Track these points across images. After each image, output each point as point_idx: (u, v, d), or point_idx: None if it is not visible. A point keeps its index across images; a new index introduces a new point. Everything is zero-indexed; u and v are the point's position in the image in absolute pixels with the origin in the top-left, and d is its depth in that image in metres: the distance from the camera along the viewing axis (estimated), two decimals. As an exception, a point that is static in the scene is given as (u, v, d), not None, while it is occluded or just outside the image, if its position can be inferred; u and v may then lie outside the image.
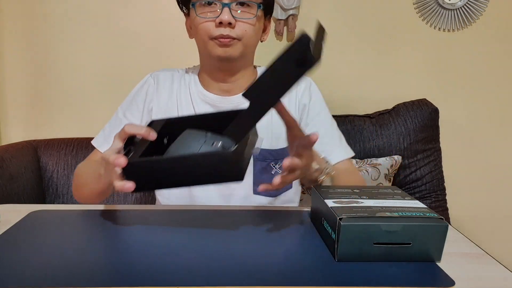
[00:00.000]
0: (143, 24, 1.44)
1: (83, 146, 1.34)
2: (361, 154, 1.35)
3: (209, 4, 0.83)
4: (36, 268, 0.53)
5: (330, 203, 0.61)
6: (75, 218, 0.72)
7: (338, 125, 1.40)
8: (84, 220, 0.71)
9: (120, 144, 0.65)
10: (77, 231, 0.66)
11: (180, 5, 0.91)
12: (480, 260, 0.59)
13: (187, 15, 0.92)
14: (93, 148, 0.97)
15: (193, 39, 0.92)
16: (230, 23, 0.81)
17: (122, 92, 1.01)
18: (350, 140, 1.36)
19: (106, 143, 0.92)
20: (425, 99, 1.41)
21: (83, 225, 0.69)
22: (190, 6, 0.87)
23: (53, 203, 1.30)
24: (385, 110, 1.42)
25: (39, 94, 1.48)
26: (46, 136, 1.41)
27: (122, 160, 0.59)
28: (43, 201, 1.29)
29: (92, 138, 1.39)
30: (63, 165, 1.31)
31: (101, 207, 0.78)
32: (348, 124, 1.37)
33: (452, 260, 0.58)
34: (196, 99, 0.94)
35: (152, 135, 0.65)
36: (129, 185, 0.60)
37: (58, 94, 1.48)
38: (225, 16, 0.80)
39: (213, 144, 0.65)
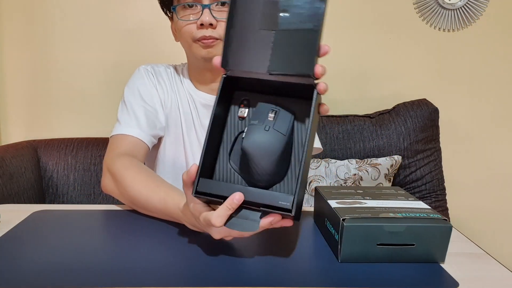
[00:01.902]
0: (144, 23, 1.43)
1: (83, 146, 1.34)
2: (361, 154, 1.35)
3: (190, 6, 0.82)
4: (42, 268, 0.53)
5: (333, 203, 0.61)
6: (78, 218, 0.71)
7: (339, 125, 1.42)
8: (87, 220, 0.71)
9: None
10: (81, 231, 0.66)
11: (164, 9, 0.91)
12: (482, 261, 0.59)
13: (171, 19, 0.92)
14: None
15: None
16: (211, 24, 0.81)
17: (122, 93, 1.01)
18: (350, 140, 1.36)
19: (137, 127, 0.86)
20: (425, 99, 1.41)
21: (87, 225, 0.68)
22: (172, 10, 0.86)
23: (53, 203, 1.29)
24: (385, 110, 1.42)
25: (39, 94, 1.47)
26: (46, 136, 1.40)
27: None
28: (43, 201, 1.29)
29: (92, 138, 1.41)
30: (63, 165, 1.31)
31: (103, 207, 0.78)
32: (348, 124, 1.37)
33: (455, 261, 0.58)
34: (191, 98, 0.94)
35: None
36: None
37: (58, 94, 1.47)
38: (206, 17, 0.80)
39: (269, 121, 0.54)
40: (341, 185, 1.27)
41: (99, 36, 1.44)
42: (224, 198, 0.50)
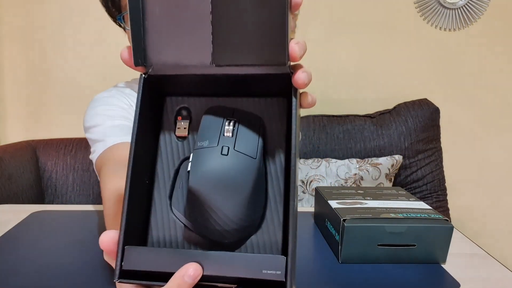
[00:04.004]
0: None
1: (82, 146, 1.33)
2: (362, 153, 1.35)
3: None
4: (41, 269, 0.52)
5: (333, 204, 0.61)
6: (77, 219, 0.71)
7: (339, 124, 1.41)
8: (86, 221, 0.70)
9: None
10: (80, 231, 0.65)
11: (115, 22, 0.82)
12: (483, 262, 0.59)
13: (124, 29, 0.81)
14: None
15: None
16: None
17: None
18: (351, 139, 1.35)
19: (123, 135, 0.72)
20: (426, 99, 1.41)
21: (86, 226, 0.68)
22: (118, 20, 0.77)
23: (52, 203, 1.29)
24: (386, 110, 1.42)
25: (38, 94, 1.47)
26: (45, 136, 1.40)
27: None
28: (42, 201, 1.28)
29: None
30: (62, 165, 1.30)
31: (103, 207, 0.78)
32: (348, 124, 1.37)
33: (456, 261, 0.58)
34: None
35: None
36: None
37: (57, 94, 1.47)
38: None
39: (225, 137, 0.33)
40: (341, 185, 1.27)
41: (99, 36, 1.43)
42: (170, 275, 0.30)
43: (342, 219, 0.55)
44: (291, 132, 0.31)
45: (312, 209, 0.74)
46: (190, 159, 0.34)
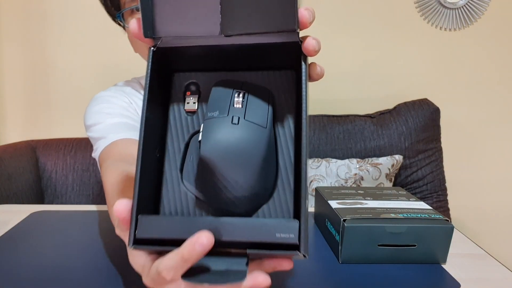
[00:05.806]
0: (143, 23, 1.43)
1: (82, 146, 1.33)
2: (362, 153, 1.35)
3: (138, 10, 0.72)
4: (41, 269, 0.52)
5: (333, 204, 0.61)
6: (77, 219, 0.71)
7: (339, 124, 1.41)
8: (86, 221, 0.70)
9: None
10: (80, 231, 0.65)
11: (115, 21, 0.81)
12: (484, 262, 0.59)
13: (124, 28, 0.82)
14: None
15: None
16: None
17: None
18: (351, 139, 1.36)
19: (125, 131, 0.72)
20: (426, 99, 1.41)
21: (86, 226, 0.68)
22: (117, 18, 0.77)
23: (52, 203, 1.29)
24: (386, 110, 1.42)
25: (38, 94, 1.47)
26: (44, 136, 1.40)
27: None
28: (41, 201, 1.28)
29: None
30: (61, 165, 1.30)
31: (102, 207, 0.78)
32: (349, 124, 1.37)
33: (456, 261, 0.58)
34: None
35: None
36: None
37: (56, 94, 1.47)
38: None
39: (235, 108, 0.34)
40: (341, 185, 1.27)
41: (98, 36, 1.43)
42: (182, 242, 0.30)
43: (342, 219, 0.55)
44: (301, 99, 0.31)
45: (312, 209, 0.74)
46: (201, 129, 0.34)
